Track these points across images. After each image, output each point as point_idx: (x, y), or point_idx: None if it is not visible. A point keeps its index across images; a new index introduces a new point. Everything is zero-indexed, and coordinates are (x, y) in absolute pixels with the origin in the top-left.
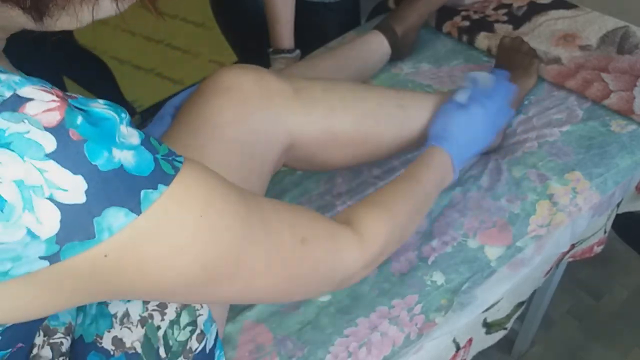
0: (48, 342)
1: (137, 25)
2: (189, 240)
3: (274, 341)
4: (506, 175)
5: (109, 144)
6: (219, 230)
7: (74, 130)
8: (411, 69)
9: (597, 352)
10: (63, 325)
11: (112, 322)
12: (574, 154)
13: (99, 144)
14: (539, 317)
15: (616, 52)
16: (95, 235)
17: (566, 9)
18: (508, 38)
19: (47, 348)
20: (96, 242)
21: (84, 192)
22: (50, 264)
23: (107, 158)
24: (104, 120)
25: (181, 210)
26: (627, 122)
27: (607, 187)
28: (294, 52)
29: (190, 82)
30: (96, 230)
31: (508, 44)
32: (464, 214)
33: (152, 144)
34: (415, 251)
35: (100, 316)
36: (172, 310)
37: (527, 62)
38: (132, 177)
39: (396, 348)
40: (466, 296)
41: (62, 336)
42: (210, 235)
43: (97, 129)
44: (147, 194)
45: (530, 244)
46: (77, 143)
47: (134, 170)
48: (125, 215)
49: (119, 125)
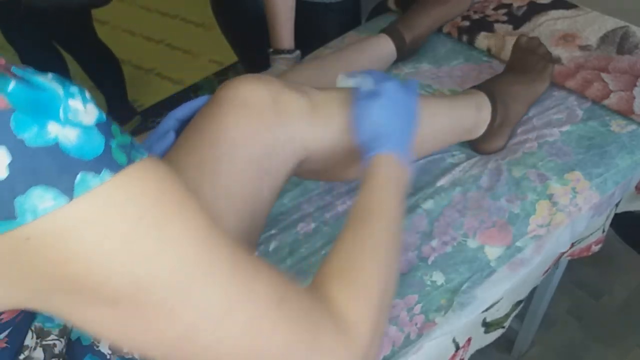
0: (41, 344)
1: (137, 25)
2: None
3: None
4: (506, 175)
5: (43, 118)
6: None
7: (3, 96)
8: (411, 69)
9: (597, 352)
10: (58, 327)
11: None
12: (574, 154)
13: (28, 116)
14: (539, 316)
15: (616, 52)
16: (16, 216)
17: (566, 9)
18: (525, 37)
19: (39, 350)
20: (17, 224)
21: (7, 166)
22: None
23: (37, 133)
24: (42, 92)
25: (124, 206)
26: (627, 122)
27: (607, 187)
28: (294, 52)
29: (190, 82)
30: (17, 211)
31: (524, 43)
32: (463, 214)
33: (112, 131)
34: (415, 251)
35: None
36: None
37: (541, 66)
38: (68, 157)
39: (396, 348)
40: (466, 296)
41: (55, 338)
42: (153, 245)
43: (30, 100)
44: (85, 177)
45: (530, 244)
46: (3, 112)
47: (72, 151)
48: (54, 199)
49: (63, 99)
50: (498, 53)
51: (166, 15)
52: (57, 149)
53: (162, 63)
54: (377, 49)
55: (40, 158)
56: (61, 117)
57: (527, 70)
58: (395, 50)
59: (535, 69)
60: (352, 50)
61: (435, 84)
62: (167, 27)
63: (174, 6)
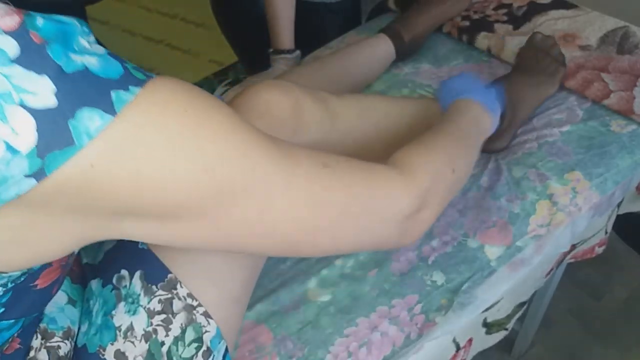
0: (45, 345)
1: (137, 25)
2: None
3: (274, 341)
4: (506, 175)
5: (71, 47)
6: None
7: (35, 32)
8: (411, 69)
9: (597, 352)
10: (61, 329)
11: (116, 334)
12: (574, 154)
13: (60, 46)
14: (539, 317)
15: (616, 52)
16: (74, 141)
17: (566, 9)
18: (540, 35)
19: (43, 351)
20: (77, 149)
21: (54, 95)
22: (37, 181)
23: (68, 60)
24: (64, 24)
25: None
26: (627, 122)
27: (607, 187)
28: (294, 52)
29: (190, 82)
30: (74, 135)
31: (539, 42)
32: (464, 214)
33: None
34: (415, 251)
35: (105, 327)
36: (177, 326)
37: (553, 69)
38: (98, 78)
39: (396, 348)
40: (466, 296)
41: (59, 340)
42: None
43: (57, 32)
44: (119, 94)
45: (530, 243)
46: (39, 46)
47: (100, 73)
48: (101, 118)
49: (79, 32)
50: (498, 53)
51: (166, 15)
52: (89, 73)
53: (162, 63)
54: (376, 48)
55: (79, 82)
56: (76, 48)
57: (537, 71)
58: (394, 50)
59: (546, 71)
60: (351, 51)
61: (435, 84)
62: (167, 27)
63: (174, 6)
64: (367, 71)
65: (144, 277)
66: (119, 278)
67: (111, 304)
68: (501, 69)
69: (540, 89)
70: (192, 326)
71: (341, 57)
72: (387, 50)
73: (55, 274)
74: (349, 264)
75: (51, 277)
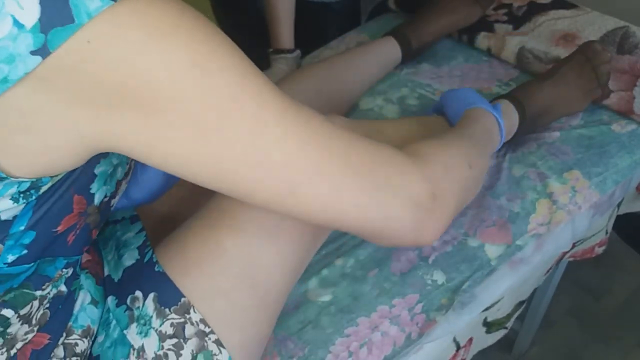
0: (62, 341)
1: None
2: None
3: (274, 341)
4: (506, 174)
5: None
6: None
7: None
8: (411, 68)
9: (597, 352)
10: (81, 327)
11: (130, 352)
12: (573, 153)
13: None
14: (539, 317)
15: (616, 52)
16: (74, 19)
17: (566, 8)
18: (600, 46)
19: (60, 347)
20: (77, 27)
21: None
22: (43, 58)
23: None
24: None
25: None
26: (627, 122)
27: (606, 186)
28: (294, 52)
29: None
30: (74, 12)
31: (593, 53)
32: (464, 213)
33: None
34: (416, 250)
35: (120, 343)
36: (188, 352)
37: (592, 88)
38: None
39: (397, 348)
40: (467, 295)
41: (77, 337)
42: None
43: None
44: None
45: (531, 242)
46: None
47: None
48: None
49: None
50: (498, 53)
51: None
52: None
53: None
54: (385, 51)
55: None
56: None
57: (574, 88)
58: (401, 54)
59: (583, 89)
60: (360, 53)
61: (435, 83)
62: None
63: None
64: (375, 71)
65: (157, 299)
66: (132, 299)
67: (124, 324)
68: (501, 69)
69: (569, 106)
70: (203, 354)
71: (348, 59)
72: (395, 54)
73: (74, 220)
74: (350, 264)
75: (70, 223)
